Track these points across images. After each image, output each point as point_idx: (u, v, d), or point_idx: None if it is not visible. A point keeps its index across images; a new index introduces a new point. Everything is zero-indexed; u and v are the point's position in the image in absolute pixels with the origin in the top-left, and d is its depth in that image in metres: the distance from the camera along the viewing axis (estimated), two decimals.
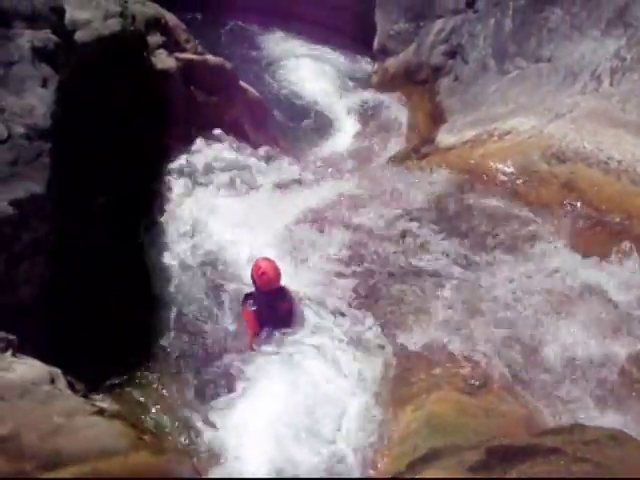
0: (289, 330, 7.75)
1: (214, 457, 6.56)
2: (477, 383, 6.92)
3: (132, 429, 5.68)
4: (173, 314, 8.20)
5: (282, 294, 7.95)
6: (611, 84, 11.26)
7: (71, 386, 5.93)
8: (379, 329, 7.84)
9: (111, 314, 7.62)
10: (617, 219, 8.99)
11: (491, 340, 7.52)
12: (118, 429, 5.45)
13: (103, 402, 6.27)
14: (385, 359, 7.45)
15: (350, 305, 8.12)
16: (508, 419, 6.42)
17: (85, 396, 6.10)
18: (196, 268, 8.81)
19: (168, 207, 9.60)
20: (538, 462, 4.47)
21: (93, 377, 6.61)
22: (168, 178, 10.12)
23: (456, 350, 7.40)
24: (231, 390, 7.24)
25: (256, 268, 7.85)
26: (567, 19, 13.13)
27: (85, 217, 7.90)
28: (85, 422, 5.29)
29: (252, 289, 7.94)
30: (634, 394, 7.02)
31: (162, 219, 9.37)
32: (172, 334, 7.99)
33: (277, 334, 7.65)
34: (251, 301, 7.86)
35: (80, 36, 8.44)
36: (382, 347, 7.60)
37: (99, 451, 5.05)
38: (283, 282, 7.89)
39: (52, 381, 5.63)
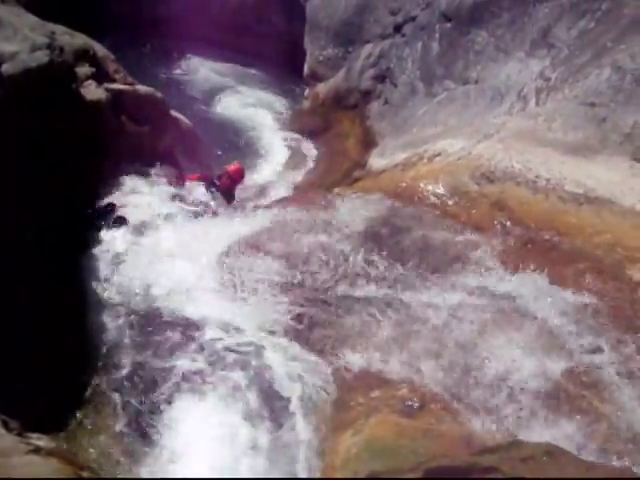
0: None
1: None
2: (415, 404, 6.96)
3: (69, 466, 5.61)
4: (108, 347, 8.07)
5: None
6: (537, 104, 11.52)
7: (5, 425, 5.84)
8: (316, 354, 7.84)
9: (45, 349, 7.51)
10: (547, 236, 9.13)
11: (427, 361, 7.58)
12: (55, 466, 5.38)
13: (39, 440, 6.17)
14: (323, 384, 7.46)
15: (286, 331, 8.09)
16: (447, 439, 6.46)
17: (20, 434, 6.00)
18: (129, 300, 8.69)
19: (99, 240, 9.49)
20: None
21: (28, 415, 6.49)
22: (99, 211, 9.99)
23: (393, 372, 7.45)
24: (168, 422, 7.20)
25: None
26: (492, 41, 13.44)
27: (14, 254, 7.78)
28: (21, 461, 5.22)
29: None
30: (570, 409, 7.12)
31: (94, 252, 9.26)
32: (107, 368, 7.88)
33: None
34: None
35: (6, 69, 8.31)
36: (319, 372, 7.60)
37: None
38: None
39: None
